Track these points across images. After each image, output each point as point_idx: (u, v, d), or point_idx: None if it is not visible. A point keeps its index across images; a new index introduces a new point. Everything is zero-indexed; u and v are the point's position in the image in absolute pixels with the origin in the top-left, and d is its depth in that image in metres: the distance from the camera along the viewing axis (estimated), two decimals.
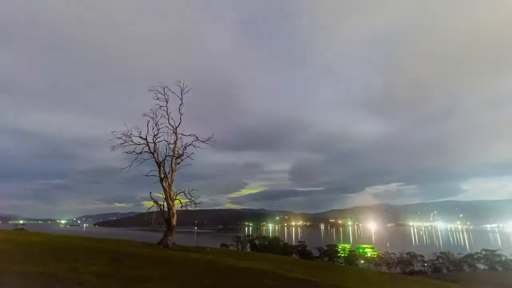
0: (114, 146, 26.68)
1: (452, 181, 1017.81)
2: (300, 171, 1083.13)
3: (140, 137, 27.51)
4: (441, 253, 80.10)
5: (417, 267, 77.99)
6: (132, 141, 27.10)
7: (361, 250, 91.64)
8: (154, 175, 27.20)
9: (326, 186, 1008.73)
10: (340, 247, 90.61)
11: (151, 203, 26.94)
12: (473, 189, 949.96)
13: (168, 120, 28.57)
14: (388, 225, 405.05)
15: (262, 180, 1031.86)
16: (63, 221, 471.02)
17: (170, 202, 26.70)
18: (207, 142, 28.91)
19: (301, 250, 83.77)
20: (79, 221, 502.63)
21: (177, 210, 27.12)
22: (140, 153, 27.34)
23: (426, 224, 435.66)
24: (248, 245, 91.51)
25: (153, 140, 27.88)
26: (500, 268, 68.96)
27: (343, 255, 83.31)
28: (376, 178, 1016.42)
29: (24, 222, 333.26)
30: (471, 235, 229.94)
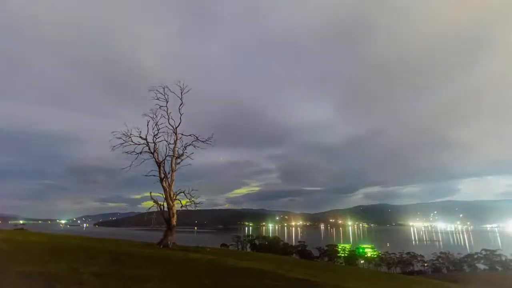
0: (114, 146, 26.72)
1: (452, 181, 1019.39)
2: (289, 169, 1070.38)
3: (140, 137, 27.53)
4: (441, 253, 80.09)
5: (417, 267, 77.94)
6: (132, 141, 27.13)
7: (361, 250, 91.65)
8: (154, 175, 27.25)
9: (324, 186, 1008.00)
10: (340, 247, 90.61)
11: (151, 203, 26.97)
12: (473, 189, 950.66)
13: (168, 120, 28.61)
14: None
15: (257, 180, 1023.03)
16: (63, 221, 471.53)
17: (170, 202, 26.71)
18: (207, 142, 28.96)
19: (301, 250, 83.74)
20: (79, 221, 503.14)
21: (177, 210, 27.13)
22: (140, 153, 27.35)
23: (426, 224, 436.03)
24: (248, 245, 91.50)
25: (153, 140, 27.91)
26: (500, 268, 68.96)
27: (343, 255, 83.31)
28: (375, 178, 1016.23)
29: (24, 222, 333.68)
30: (471, 235, 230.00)
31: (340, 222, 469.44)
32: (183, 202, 27.81)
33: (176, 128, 28.77)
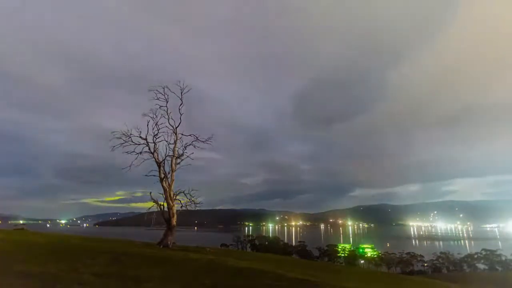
0: (114, 146, 26.72)
1: (451, 181, 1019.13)
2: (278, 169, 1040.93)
3: (140, 137, 27.49)
4: (441, 253, 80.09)
5: (417, 267, 77.87)
6: (132, 141, 27.11)
7: (361, 250, 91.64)
8: (154, 175, 27.23)
9: (324, 186, 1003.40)
10: (340, 247, 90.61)
11: (151, 203, 26.97)
12: (473, 189, 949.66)
13: (168, 120, 28.60)
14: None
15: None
16: (63, 221, 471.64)
17: (170, 202, 26.69)
18: (207, 142, 28.95)
19: (301, 250, 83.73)
20: (79, 221, 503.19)
21: (177, 210, 27.13)
22: (140, 153, 27.33)
23: (426, 224, 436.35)
24: (248, 245, 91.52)
25: (153, 140, 27.88)
26: (500, 268, 68.97)
27: (343, 255, 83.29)
28: (375, 178, 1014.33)
29: (24, 222, 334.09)
30: (471, 235, 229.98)
31: (340, 222, 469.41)
32: (183, 201, 27.83)
33: (176, 128, 28.75)
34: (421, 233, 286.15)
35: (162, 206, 26.94)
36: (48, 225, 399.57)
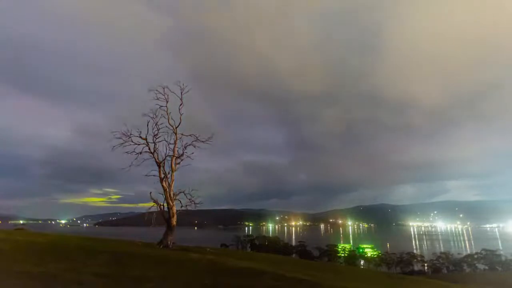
0: (114, 146, 26.71)
1: (451, 180, 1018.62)
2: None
3: (140, 137, 27.47)
4: (441, 253, 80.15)
5: (417, 267, 77.92)
6: (132, 141, 27.09)
7: (361, 250, 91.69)
8: (154, 175, 27.20)
9: (323, 186, 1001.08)
10: (340, 247, 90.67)
11: (151, 203, 26.95)
12: (473, 189, 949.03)
13: (168, 120, 28.58)
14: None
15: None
16: (63, 221, 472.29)
17: (170, 202, 26.67)
18: (207, 142, 28.94)
19: (301, 250, 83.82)
20: (79, 221, 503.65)
21: (177, 210, 27.11)
22: (140, 153, 27.31)
23: (426, 224, 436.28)
24: (248, 245, 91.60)
25: (153, 140, 27.86)
26: (500, 268, 68.98)
27: (343, 255, 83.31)
28: (374, 178, 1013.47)
29: (24, 222, 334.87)
30: (471, 235, 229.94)
31: (340, 222, 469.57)
32: (183, 201, 27.79)
33: (176, 128, 28.74)
34: (421, 233, 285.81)
35: (162, 206, 26.95)
36: (53, 223, 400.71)
